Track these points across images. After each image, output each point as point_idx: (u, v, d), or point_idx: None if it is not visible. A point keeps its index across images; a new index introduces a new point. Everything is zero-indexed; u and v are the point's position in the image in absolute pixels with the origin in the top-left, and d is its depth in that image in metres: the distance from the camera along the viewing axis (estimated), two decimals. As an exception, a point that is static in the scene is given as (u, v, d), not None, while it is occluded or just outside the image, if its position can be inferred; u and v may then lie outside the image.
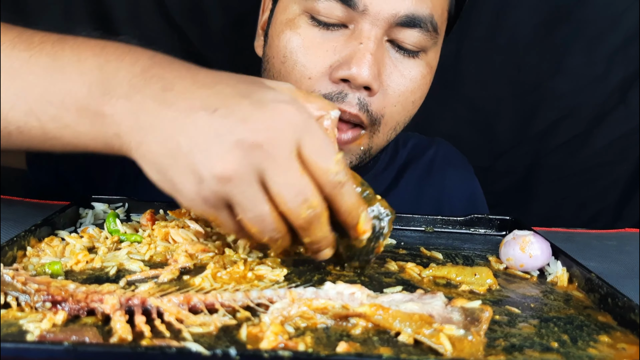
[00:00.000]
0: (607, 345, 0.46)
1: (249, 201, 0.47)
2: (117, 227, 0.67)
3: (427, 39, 0.76)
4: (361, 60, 0.71)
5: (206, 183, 0.46)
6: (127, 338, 0.41)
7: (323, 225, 0.50)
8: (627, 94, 1.37)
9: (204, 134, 0.46)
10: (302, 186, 0.47)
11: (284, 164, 0.46)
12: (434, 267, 0.61)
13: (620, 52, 1.34)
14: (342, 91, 0.74)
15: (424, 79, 0.79)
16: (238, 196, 0.47)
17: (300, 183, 0.47)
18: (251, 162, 0.46)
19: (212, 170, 0.46)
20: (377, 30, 0.72)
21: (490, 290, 0.57)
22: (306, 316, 0.46)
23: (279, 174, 0.46)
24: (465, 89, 1.40)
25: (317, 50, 0.74)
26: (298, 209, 0.48)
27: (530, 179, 1.48)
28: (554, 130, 1.43)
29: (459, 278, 0.59)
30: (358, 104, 0.74)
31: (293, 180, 0.47)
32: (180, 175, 0.47)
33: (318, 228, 0.50)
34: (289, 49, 0.75)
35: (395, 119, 0.80)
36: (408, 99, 0.78)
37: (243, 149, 0.45)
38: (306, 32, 0.75)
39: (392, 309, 0.46)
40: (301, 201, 0.47)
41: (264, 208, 0.47)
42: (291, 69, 0.75)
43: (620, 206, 1.46)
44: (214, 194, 0.47)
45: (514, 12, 1.33)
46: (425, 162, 1.04)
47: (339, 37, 0.74)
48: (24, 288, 0.46)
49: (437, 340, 0.42)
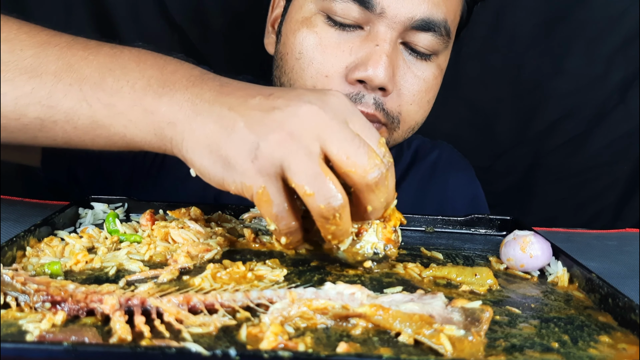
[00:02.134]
0: (608, 346, 0.46)
1: (302, 161, 0.48)
2: (116, 227, 0.66)
3: (439, 43, 0.77)
4: (377, 62, 0.72)
5: (261, 148, 0.48)
6: (126, 338, 0.41)
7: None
8: (627, 94, 1.37)
9: (260, 109, 0.50)
10: (361, 145, 0.49)
11: (342, 130, 0.49)
12: (434, 268, 0.61)
13: (620, 52, 1.34)
14: (359, 92, 0.75)
15: (435, 80, 0.81)
16: (291, 156, 0.48)
17: (360, 146, 0.49)
18: (308, 130, 0.48)
19: (268, 135, 0.48)
20: (393, 33, 0.73)
21: (490, 291, 0.57)
22: (306, 316, 0.46)
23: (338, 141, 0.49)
24: (465, 89, 1.40)
25: (334, 50, 0.75)
26: (364, 163, 0.49)
27: (531, 179, 1.48)
28: (554, 131, 1.43)
29: (460, 278, 0.59)
30: (374, 104, 0.76)
31: (354, 142, 0.49)
32: (234, 148, 0.49)
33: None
34: (305, 46, 0.76)
35: (414, 117, 0.81)
36: (423, 98, 0.80)
37: (301, 119, 0.49)
38: (323, 32, 0.76)
39: (392, 309, 0.46)
40: (367, 155, 0.49)
41: (316, 168, 0.48)
42: (307, 66, 0.76)
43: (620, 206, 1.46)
44: (269, 159, 0.48)
45: (514, 12, 1.33)
46: (428, 165, 1.04)
47: (355, 38, 0.75)
48: (24, 288, 0.46)
49: (437, 341, 0.42)
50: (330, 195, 0.48)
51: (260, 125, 0.49)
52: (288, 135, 0.48)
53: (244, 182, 0.50)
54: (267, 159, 0.48)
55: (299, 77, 0.78)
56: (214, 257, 0.61)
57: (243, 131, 0.49)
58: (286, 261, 0.62)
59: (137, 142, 0.56)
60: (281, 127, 0.48)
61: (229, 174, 0.50)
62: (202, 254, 0.61)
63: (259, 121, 0.49)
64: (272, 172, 0.49)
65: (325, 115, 0.49)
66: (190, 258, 0.59)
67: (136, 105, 0.54)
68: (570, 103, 1.40)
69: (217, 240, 0.64)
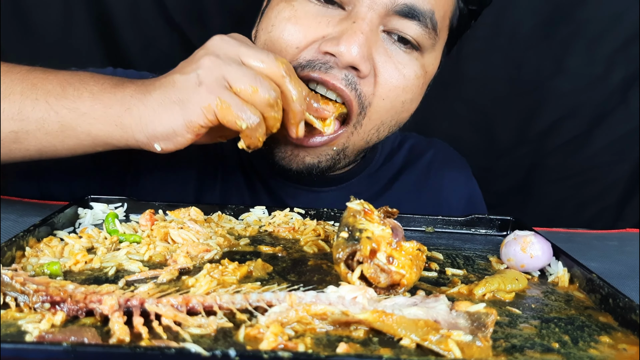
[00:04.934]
0: (608, 346, 0.46)
1: (236, 69, 0.62)
2: (116, 227, 0.66)
3: (424, 36, 0.75)
4: (351, 38, 0.70)
5: (201, 74, 0.62)
6: (124, 339, 0.41)
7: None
8: (627, 94, 1.37)
9: (185, 69, 0.64)
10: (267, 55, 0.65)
11: (251, 52, 0.64)
12: (482, 283, 0.57)
13: (620, 52, 1.34)
14: (327, 62, 0.73)
15: (417, 80, 0.78)
16: (226, 69, 0.62)
17: (266, 54, 0.65)
18: (229, 54, 0.64)
19: (201, 66, 0.63)
20: (373, 15, 0.72)
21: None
22: (304, 321, 0.45)
23: (250, 54, 0.64)
24: (465, 89, 1.40)
25: (310, 21, 0.74)
26: (275, 64, 0.64)
27: (531, 179, 1.48)
28: (554, 131, 1.43)
29: (509, 287, 0.57)
30: (345, 80, 0.73)
31: (260, 55, 0.64)
32: (181, 89, 0.62)
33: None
34: (279, 19, 0.75)
35: (381, 115, 0.78)
36: (399, 96, 0.77)
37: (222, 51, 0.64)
38: (300, 5, 0.75)
39: (395, 315, 0.45)
40: (273, 57, 0.65)
41: (250, 73, 0.62)
42: (277, 36, 0.75)
43: (620, 206, 1.46)
44: (213, 79, 0.62)
45: (514, 12, 1.33)
46: (423, 165, 1.03)
47: (335, 15, 0.74)
48: (23, 288, 0.46)
49: (445, 347, 0.42)
50: (270, 88, 0.62)
51: (189, 66, 0.64)
52: (215, 57, 0.63)
53: (203, 107, 0.61)
54: (209, 77, 0.62)
55: (269, 49, 0.75)
56: (214, 257, 0.61)
57: (181, 77, 0.63)
58: (286, 261, 0.62)
59: (102, 138, 0.66)
60: (207, 56, 0.63)
61: (188, 111, 0.62)
62: (202, 255, 0.61)
63: (188, 66, 0.64)
64: (219, 85, 0.61)
65: (239, 44, 0.65)
66: (190, 258, 0.59)
67: (96, 104, 0.65)
68: (570, 103, 1.40)
69: (217, 241, 0.64)
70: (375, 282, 0.51)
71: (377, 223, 0.55)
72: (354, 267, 0.52)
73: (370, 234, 0.52)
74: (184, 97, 0.62)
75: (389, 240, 0.52)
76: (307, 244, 0.68)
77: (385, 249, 0.51)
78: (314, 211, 0.79)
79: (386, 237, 0.53)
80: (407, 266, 0.51)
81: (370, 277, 0.51)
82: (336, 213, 0.79)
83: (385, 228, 0.54)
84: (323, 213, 0.79)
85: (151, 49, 1.31)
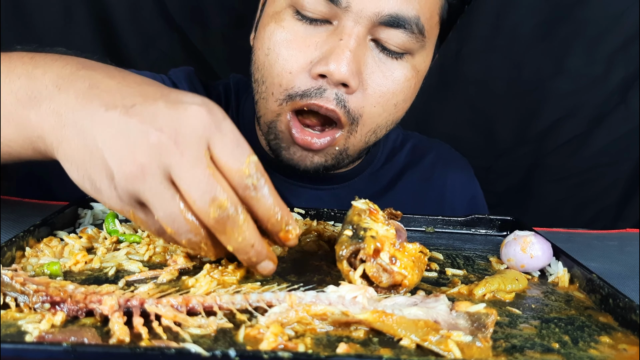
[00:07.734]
0: (608, 346, 0.46)
1: (157, 198, 0.45)
2: (116, 227, 0.66)
3: (412, 41, 0.75)
4: (339, 57, 0.71)
5: (117, 180, 0.46)
6: (124, 340, 0.41)
7: (242, 231, 0.47)
8: (627, 94, 1.37)
9: (116, 129, 0.46)
10: (209, 184, 0.45)
11: (191, 161, 0.45)
12: (482, 284, 0.57)
13: (620, 52, 1.34)
14: (320, 87, 0.74)
15: (407, 82, 0.78)
16: (147, 193, 0.46)
17: (208, 181, 0.45)
18: (159, 159, 0.45)
19: (121, 166, 0.45)
20: (360, 28, 0.72)
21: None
22: (304, 322, 0.45)
23: (186, 170, 0.45)
24: (465, 89, 1.40)
25: (300, 45, 0.75)
26: (206, 207, 0.45)
27: (531, 179, 1.48)
28: (554, 131, 1.43)
29: (509, 287, 0.57)
30: (335, 99, 0.74)
31: (200, 177, 0.45)
32: (97, 172, 0.47)
33: (236, 232, 0.47)
34: (273, 42, 0.76)
35: (375, 120, 0.79)
36: (389, 100, 0.78)
37: (150, 145, 0.45)
38: (290, 26, 0.75)
39: (395, 315, 0.45)
40: (209, 200, 0.45)
41: (173, 206, 0.45)
42: (274, 61, 0.76)
43: (620, 206, 1.46)
44: (125, 191, 0.46)
45: (514, 12, 1.33)
46: (426, 165, 1.03)
47: (322, 32, 0.74)
48: (23, 289, 0.46)
49: (445, 348, 0.42)
50: (185, 230, 0.46)
51: (115, 149, 0.46)
52: (138, 163, 0.45)
53: (113, 207, 0.49)
54: (123, 190, 0.46)
55: (269, 75, 0.77)
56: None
57: (100, 157, 0.46)
58: (286, 261, 0.62)
59: (23, 157, 0.57)
60: (131, 154, 0.45)
61: (99, 196, 0.49)
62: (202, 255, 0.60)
63: (115, 143, 0.46)
64: (133, 201, 0.47)
65: (179, 144, 0.45)
66: (190, 259, 0.59)
67: (8, 123, 0.54)
68: (570, 103, 1.40)
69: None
70: (376, 282, 0.51)
71: (382, 223, 0.55)
72: (356, 265, 0.52)
73: (375, 234, 0.52)
74: (96, 182, 0.48)
75: (392, 241, 0.52)
76: (307, 244, 0.68)
77: (389, 249, 0.51)
78: (314, 211, 0.79)
79: (390, 238, 0.53)
80: (409, 267, 0.51)
81: (372, 276, 0.51)
82: (336, 213, 0.79)
83: (389, 228, 0.54)
84: (323, 213, 0.79)
85: (151, 49, 1.31)
